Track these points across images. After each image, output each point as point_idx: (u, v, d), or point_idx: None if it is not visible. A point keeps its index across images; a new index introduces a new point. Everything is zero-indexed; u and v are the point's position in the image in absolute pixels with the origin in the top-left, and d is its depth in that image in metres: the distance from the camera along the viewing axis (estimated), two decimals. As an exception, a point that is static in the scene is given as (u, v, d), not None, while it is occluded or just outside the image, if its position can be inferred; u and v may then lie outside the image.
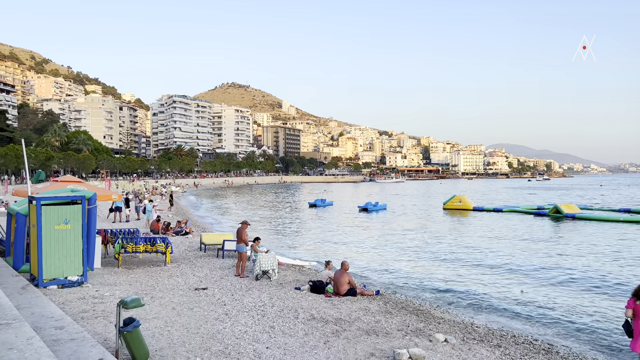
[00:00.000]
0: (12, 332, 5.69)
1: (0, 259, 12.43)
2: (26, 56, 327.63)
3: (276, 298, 11.15)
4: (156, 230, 21.97)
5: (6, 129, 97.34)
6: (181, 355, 7.08)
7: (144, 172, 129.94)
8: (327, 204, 54.21)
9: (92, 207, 12.10)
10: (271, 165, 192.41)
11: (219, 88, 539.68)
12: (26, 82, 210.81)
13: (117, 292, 10.79)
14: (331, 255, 19.63)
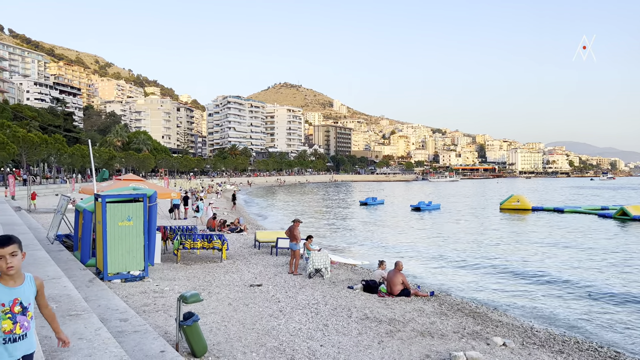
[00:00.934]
0: (81, 322, 6.01)
1: (69, 253, 13.14)
2: (91, 60, 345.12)
3: (329, 296, 11.18)
4: (212, 227, 22.56)
5: (73, 130, 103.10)
6: (238, 350, 7.23)
7: (200, 171, 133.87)
8: (378, 203, 53.87)
9: (152, 205, 12.57)
10: (322, 164, 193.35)
11: (271, 88, 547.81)
12: (91, 85, 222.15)
13: (176, 287, 11.15)
14: (383, 254, 19.49)
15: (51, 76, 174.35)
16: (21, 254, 3.24)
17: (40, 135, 67.39)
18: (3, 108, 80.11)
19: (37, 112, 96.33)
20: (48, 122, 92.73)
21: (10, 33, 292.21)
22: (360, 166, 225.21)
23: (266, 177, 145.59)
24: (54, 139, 68.13)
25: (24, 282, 3.29)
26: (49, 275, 8.64)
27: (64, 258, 12.13)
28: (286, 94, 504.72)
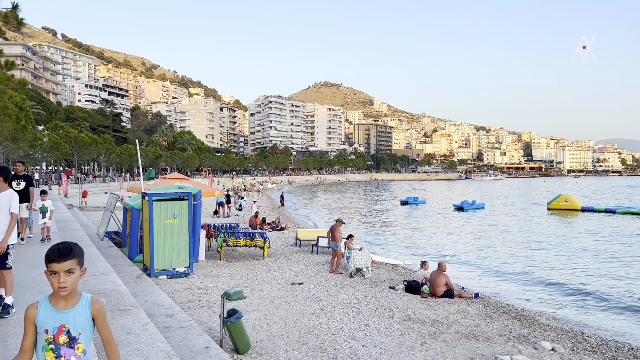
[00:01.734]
0: (130, 318, 6.19)
1: (118, 250, 13.59)
2: (138, 63, 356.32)
3: (371, 296, 11.11)
4: (254, 225, 22.86)
5: (121, 130, 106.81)
6: (280, 348, 7.28)
7: (243, 170, 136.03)
8: (419, 202, 53.18)
9: (197, 203, 12.84)
10: (362, 163, 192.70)
11: (312, 88, 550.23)
12: (138, 87, 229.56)
13: (220, 284, 11.35)
14: (425, 255, 19.21)
15: (101, 79, 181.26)
16: (81, 270, 2.53)
17: (91, 135, 70.14)
18: (57, 110, 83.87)
19: (88, 114, 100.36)
20: (98, 123, 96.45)
21: (63, 38, 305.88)
22: (401, 165, 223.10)
23: (306, 176, 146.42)
24: (103, 139, 70.76)
25: (77, 304, 2.54)
26: (99, 271, 8.96)
27: (113, 254, 12.56)
28: (326, 93, 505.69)
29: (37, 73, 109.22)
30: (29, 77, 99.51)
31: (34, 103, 68.99)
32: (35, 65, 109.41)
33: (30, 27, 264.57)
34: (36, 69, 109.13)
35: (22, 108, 37.84)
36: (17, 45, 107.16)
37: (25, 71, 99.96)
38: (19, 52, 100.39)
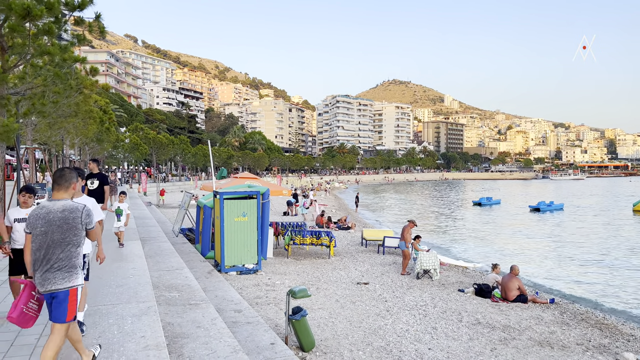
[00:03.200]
0: (199, 312, 6.44)
1: (191, 246, 14.19)
2: (211, 66, 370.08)
3: (438, 298, 10.86)
4: (320, 224, 23.04)
5: (196, 131, 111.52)
6: (344, 347, 7.28)
7: (310, 169, 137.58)
8: (493, 203, 51.26)
9: (265, 202, 13.14)
10: (432, 162, 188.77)
11: (379, 86, 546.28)
12: (211, 89, 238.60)
13: (287, 281, 11.54)
14: (497, 257, 18.51)
15: (177, 82, 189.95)
16: None
17: (168, 136, 73.75)
18: (137, 112, 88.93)
19: (165, 115, 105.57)
20: (174, 125, 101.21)
21: (143, 44, 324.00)
22: (473, 163, 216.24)
23: (374, 175, 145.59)
24: (179, 140, 74.22)
25: None
26: (173, 266, 9.40)
27: (186, 250, 13.12)
28: (394, 91, 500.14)
29: (120, 78, 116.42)
30: (112, 82, 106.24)
31: (117, 106, 73.58)
32: (118, 71, 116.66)
33: (113, 35, 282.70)
34: (118, 74, 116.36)
35: (106, 111, 40.47)
36: (102, 52, 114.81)
37: (109, 76, 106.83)
38: (104, 59, 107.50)
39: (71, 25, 10.74)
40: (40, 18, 9.13)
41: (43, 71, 10.29)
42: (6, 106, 9.63)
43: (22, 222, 5.31)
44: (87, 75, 13.94)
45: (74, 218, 3.86)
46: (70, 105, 18.00)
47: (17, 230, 5.36)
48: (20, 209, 5.41)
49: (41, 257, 3.79)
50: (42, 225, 3.81)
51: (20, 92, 10.34)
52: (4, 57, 9.63)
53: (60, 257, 3.79)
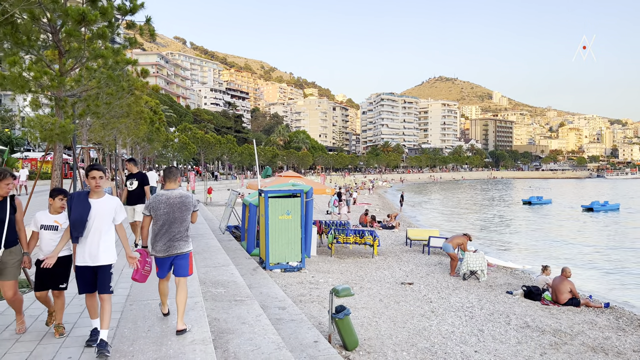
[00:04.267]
0: (245, 308, 6.54)
1: (237, 243, 14.45)
2: (257, 66, 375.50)
3: (485, 300, 10.59)
4: (364, 223, 22.95)
5: (242, 131, 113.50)
6: (388, 347, 7.22)
7: (354, 168, 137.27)
8: (543, 202, 49.53)
9: (309, 200, 13.21)
10: (479, 160, 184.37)
11: (425, 83, 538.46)
12: (257, 89, 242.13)
13: (330, 279, 11.56)
14: (547, 259, 17.87)
15: (224, 82, 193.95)
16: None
17: (215, 136, 75.39)
18: (185, 112, 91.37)
19: (213, 115, 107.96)
20: (221, 124, 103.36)
21: (191, 46, 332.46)
22: (522, 162, 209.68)
23: (419, 173, 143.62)
24: (226, 139, 75.71)
25: None
26: (219, 262, 9.59)
27: (232, 247, 13.37)
28: (441, 88, 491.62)
29: (169, 79, 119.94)
30: (162, 83, 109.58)
31: (166, 107, 75.87)
32: (167, 72, 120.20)
33: (163, 37, 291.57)
34: (168, 76, 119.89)
35: (156, 112, 41.80)
36: (152, 55, 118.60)
37: (159, 78, 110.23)
38: (154, 61, 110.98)
39: (123, 29, 11.15)
40: (95, 23, 9.52)
41: (97, 74, 10.71)
42: (63, 108, 10.10)
43: (49, 230, 4.68)
44: (138, 77, 14.43)
45: (188, 202, 5.18)
46: (123, 106, 18.68)
47: (43, 238, 4.70)
48: (49, 214, 4.73)
49: (164, 231, 5.08)
50: (165, 208, 5.09)
51: (76, 94, 10.81)
52: (61, 60, 10.10)
53: (180, 230, 5.11)
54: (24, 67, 9.49)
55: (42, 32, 9.97)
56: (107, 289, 4.48)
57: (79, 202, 4.46)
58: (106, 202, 4.55)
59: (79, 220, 4.41)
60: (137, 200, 9.85)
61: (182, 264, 5.12)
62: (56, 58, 10.29)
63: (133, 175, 9.89)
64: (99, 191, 4.52)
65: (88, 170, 4.45)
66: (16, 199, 4.70)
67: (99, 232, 4.48)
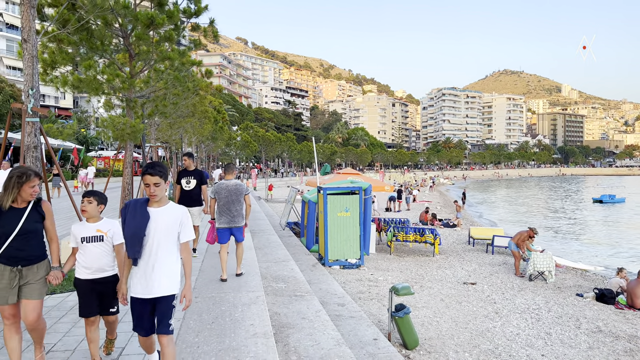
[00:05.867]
0: (305, 303, 6.62)
1: (297, 239, 14.64)
2: (316, 64, 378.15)
3: (553, 302, 10.13)
4: (424, 221, 22.57)
5: (301, 129, 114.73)
6: (449, 347, 7.08)
7: (414, 165, 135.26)
8: (617, 201, 46.63)
9: (367, 197, 13.16)
10: (547, 156, 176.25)
11: (489, 77, 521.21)
12: (316, 87, 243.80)
13: (390, 277, 11.46)
14: (622, 261, 16.82)
15: (284, 81, 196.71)
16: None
17: (275, 134, 76.71)
18: (247, 111, 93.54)
19: (273, 114, 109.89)
20: (281, 122, 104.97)
21: (253, 46, 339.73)
22: (594, 158, 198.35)
23: (482, 170, 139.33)
24: (286, 137, 76.91)
25: None
26: (280, 257, 9.76)
27: (292, 243, 13.56)
28: (506, 82, 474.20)
29: (232, 79, 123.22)
30: (225, 83, 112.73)
31: (229, 106, 77.98)
32: (230, 72, 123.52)
33: (225, 38, 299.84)
34: (231, 75, 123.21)
35: (219, 111, 43.07)
36: (216, 56, 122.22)
37: (222, 78, 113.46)
38: (217, 62, 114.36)
39: (188, 31, 11.57)
40: (162, 26, 9.94)
41: (164, 75, 11.19)
42: (134, 108, 10.64)
43: (93, 242, 3.88)
44: (202, 77, 14.93)
45: (241, 188, 7.10)
46: (188, 106, 19.42)
47: (84, 253, 3.88)
48: (88, 224, 3.92)
49: (225, 209, 6.99)
50: (225, 192, 6.99)
51: (145, 95, 11.34)
52: (131, 63, 10.63)
53: (237, 209, 7.02)
54: (97, 70, 10.06)
55: (114, 37, 10.53)
56: (167, 327, 3.38)
57: (135, 212, 3.42)
58: (170, 212, 3.45)
59: (134, 236, 3.36)
60: (193, 202, 8.39)
61: (239, 233, 7.11)
62: (127, 61, 10.84)
63: (190, 172, 8.44)
64: (159, 199, 3.45)
65: (142, 174, 3.42)
66: (44, 204, 3.78)
67: (159, 251, 3.39)
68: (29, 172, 3.62)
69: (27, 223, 3.62)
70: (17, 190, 3.60)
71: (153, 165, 3.39)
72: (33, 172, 3.65)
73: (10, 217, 3.60)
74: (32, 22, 5.87)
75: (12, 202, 3.64)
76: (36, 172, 3.69)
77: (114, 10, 9.38)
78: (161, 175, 3.37)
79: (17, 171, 3.61)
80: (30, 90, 5.97)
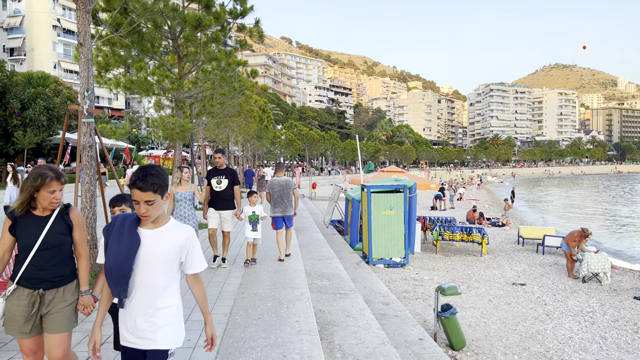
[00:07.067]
0: (349, 301, 6.62)
1: (340, 237, 14.65)
2: (360, 62, 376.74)
3: (608, 305, 9.69)
4: (472, 220, 22.08)
5: (345, 127, 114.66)
6: (498, 349, 6.90)
7: (460, 162, 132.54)
8: (680, 200, 44.10)
9: (412, 196, 13.00)
10: (602, 153, 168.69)
11: (539, 71, 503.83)
12: (360, 85, 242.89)
13: (435, 277, 11.29)
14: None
15: (328, 79, 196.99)
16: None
17: (319, 132, 76.99)
18: (291, 110, 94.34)
19: (317, 112, 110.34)
20: (325, 121, 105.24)
21: (297, 45, 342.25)
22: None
23: (532, 167, 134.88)
24: (329, 135, 77.05)
25: None
26: (324, 255, 9.80)
27: (336, 241, 13.58)
28: (557, 76, 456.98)
29: (276, 78, 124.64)
30: (270, 83, 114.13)
31: (274, 105, 78.89)
32: (275, 72, 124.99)
33: (270, 38, 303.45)
34: (275, 75, 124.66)
35: (264, 110, 43.62)
36: (261, 55, 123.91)
37: (267, 77, 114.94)
38: (262, 62, 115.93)
39: (234, 32, 11.77)
40: (209, 27, 10.17)
41: (211, 75, 11.44)
42: (182, 108, 10.93)
43: None
44: (248, 77, 15.17)
45: (290, 183, 8.55)
46: (234, 106, 19.78)
47: None
48: None
49: (279, 201, 8.45)
50: (278, 187, 8.45)
51: (193, 96, 11.64)
52: (180, 64, 10.93)
53: (288, 200, 8.49)
54: (148, 72, 10.40)
55: (163, 39, 10.85)
56: None
57: (121, 234, 2.46)
58: (169, 236, 2.47)
59: (119, 267, 2.41)
60: (225, 204, 7.56)
61: (289, 220, 8.64)
62: (176, 62, 11.16)
63: (221, 171, 7.53)
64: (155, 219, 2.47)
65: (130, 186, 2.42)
66: (73, 212, 3.06)
67: (154, 289, 2.45)
68: (46, 174, 2.88)
69: (51, 235, 2.92)
70: (30, 195, 2.91)
71: (144, 176, 2.36)
72: (53, 174, 2.91)
73: (30, 228, 2.91)
74: (87, 26, 6.13)
75: (33, 209, 2.95)
76: (57, 175, 2.93)
77: (163, 13, 9.67)
78: (156, 189, 2.37)
79: (35, 172, 2.91)
80: (85, 92, 6.24)
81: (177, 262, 2.50)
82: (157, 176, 2.39)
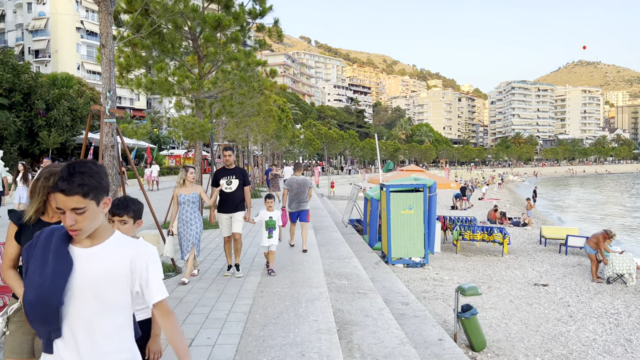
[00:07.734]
0: (368, 301, 6.60)
1: (359, 236, 14.61)
2: (379, 60, 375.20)
3: (634, 307, 9.48)
4: (493, 219, 21.82)
5: (364, 126, 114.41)
6: (519, 351, 6.81)
7: (481, 161, 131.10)
8: None
9: (432, 195, 12.91)
10: (627, 152, 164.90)
11: (562, 69, 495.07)
12: (379, 84, 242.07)
13: (455, 277, 11.18)
14: None
15: (346, 78, 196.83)
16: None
17: (338, 131, 76.95)
18: (310, 110, 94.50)
19: (336, 112, 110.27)
20: (344, 120, 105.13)
21: (316, 44, 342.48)
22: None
23: (555, 167, 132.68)
24: (348, 135, 76.95)
25: None
26: (343, 254, 9.79)
27: (355, 240, 13.55)
28: (580, 73, 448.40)
29: (295, 78, 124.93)
30: (289, 82, 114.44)
31: (293, 104, 79.09)
32: (294, 71, 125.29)
33: (289, 38, 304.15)
34: (294, 74, 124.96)
35: (283, 110, 43.76)
36: (280, 55, 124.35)
37: (286, 77, 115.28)
38: (281, 61, 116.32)
39: (253, 32, 11.83)
40: (229, 28, 10.24)
41: (231, 75, 11.53)
42: (202, 108, 11.03)
43: None
44: (267, 77, 15.24)
45: (307, 182, 9.38)
46: (254, 106, 19.86)
47: None
48: None
49: (295, 198, 9.32)
50: (296, 185, 9.28)
51: (213, 96, 11.73)
52: (200, 64, 11.03)
53: (304, 197, 9.35)
54: (169, 72, 10.52)
55: (183, 40, 10.96)
56: None
57: (45, 255, 1.79)
58: (112, 255, 1.82)
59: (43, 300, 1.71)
60: (236, 207, 6.98)
61: (304, 215, 9.38)
62: (196, 63, 11.26)
63: (230, 170, 6.96)
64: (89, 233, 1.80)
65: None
66: None
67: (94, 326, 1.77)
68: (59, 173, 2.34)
69: None
70: (43, 199, 2.52)
71: (70, 175, 1.70)
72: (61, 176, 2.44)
73: None
74: (110, 28, 6.22)
75: (41, 214, 2.54)
76: None
77: (183, 13, 9.77)
78: (86, 192, 1.71)
79: (46, 171, 2.53)
80: (108, 92, 6.34)
81: (126, 291, 1.81)
82: (89, 175, 1.71)
